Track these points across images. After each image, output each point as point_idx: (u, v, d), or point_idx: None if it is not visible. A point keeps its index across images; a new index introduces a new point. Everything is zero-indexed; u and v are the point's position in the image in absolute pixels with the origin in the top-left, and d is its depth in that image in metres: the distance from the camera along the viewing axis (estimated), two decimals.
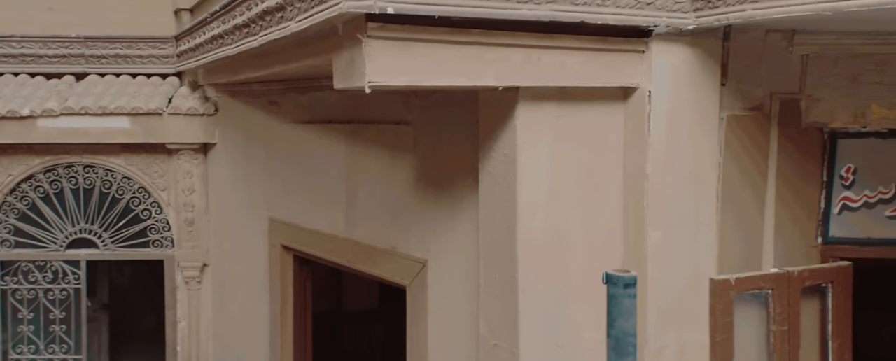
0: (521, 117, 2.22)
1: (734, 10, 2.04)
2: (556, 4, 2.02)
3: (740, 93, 2.46)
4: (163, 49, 5.11)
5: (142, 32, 5.08)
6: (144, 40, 5.08)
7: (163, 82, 5.13)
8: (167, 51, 5.10)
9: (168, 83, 5.10)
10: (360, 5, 1.79)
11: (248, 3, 2.79)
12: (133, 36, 5.06)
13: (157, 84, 5.08)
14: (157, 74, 5.17)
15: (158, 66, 5.14)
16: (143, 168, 4.98)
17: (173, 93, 4.99)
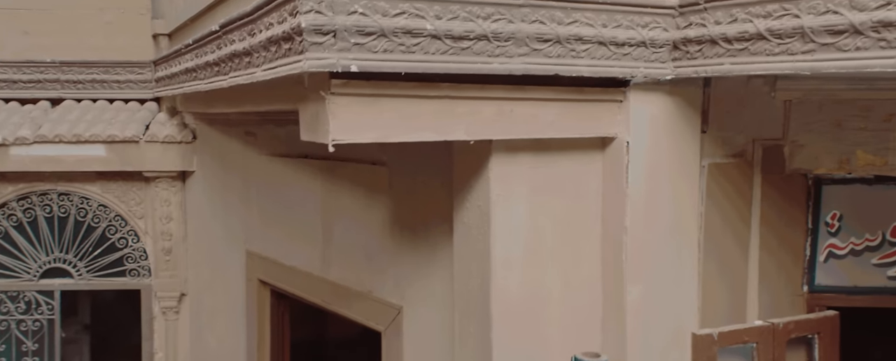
0: (495, 169, 2.13)
1: (712, 63, 1.97)
2: (528, 57, 1.94)
3: (722, 139, 2.39)
4: (141, 74, 5.00)
5: (119, 57, 4.97)
6: (122, 65, 4.98)
7: (140, 107, 5.02)
8: (145, 75, 5.00)
9: (146, 109, 4.99)
10: (322, 64, 1.71)
11: (218, 41, 2.70)
12: (110, 61, 4.96)
13: (134, 110, 4.97)
14: (135, 99, 5.07)
15: (136, 92, 5.04)
16: (119, 195, 4.86)
17: (151, 119, 4.88)
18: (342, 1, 1.71)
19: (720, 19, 1.95)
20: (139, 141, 4.65)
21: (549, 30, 1.95)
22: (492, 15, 1.88)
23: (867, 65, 1.62)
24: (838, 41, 1.67)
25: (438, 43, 1.83)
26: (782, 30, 1.78)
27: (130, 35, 5.02)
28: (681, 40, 2.08)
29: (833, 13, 1.68)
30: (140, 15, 4.98)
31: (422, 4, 1.79)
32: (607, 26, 2.02)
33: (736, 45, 1.91)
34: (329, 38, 1.71)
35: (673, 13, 2.09)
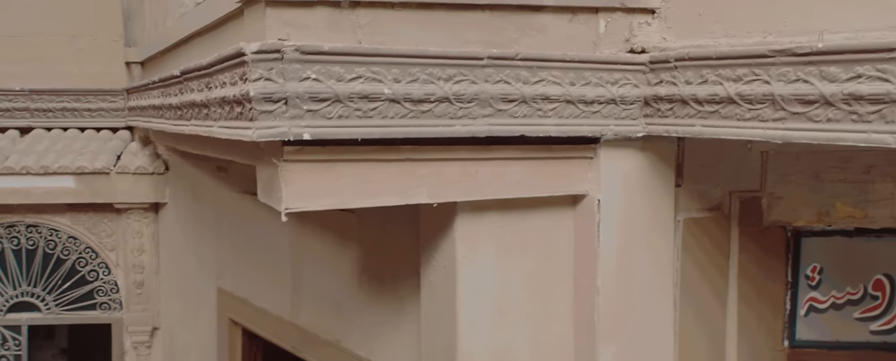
0: (461, 229, 2.05)
1: (683, 124, 1.90)
2: (492, 118, 1.86)
3: (697, 193, 2.32)
4: (113, 102, 4.89)
5: (91, 85, 4.86)
6: (93, 93, 4.86)
7: (113, 136, 4.91)
8: (117, 103, 4.89)
9: (118, 137, 4.88)
10: (272, 133, 1.62)
11: (180, 86, 2.61)
12: (81, 89, 4.84)
13: (106, 139, 4.85)
14: (107, 128, 4.95)
15: (108, 120, 4.92)
16: (89, 227, 4.74)
17: (123, 148, 4.77)
18: (294, 67, 1.62)
19: (691, 79, 1.88)
20: (110, 172, 4.54)
21: (514, 90, 1.87)
22: (454, 76, 1.80)
23: (839, 138, 1.56)
24: (809, 111, 1.61)
25: (397, 107, 1.75)
26: (753, 95, 1.72)
27: (103, 62, 4.92)
28: (652, 97, 2.01)
29: (803, 82, 1.61)
30: (113, 41, 4.88)
31: (379, 68, 1.71)
32: (575, 84, 1.95)
33: (707, 107, 1.84)
34: (280, 105, 1.63)
35: (644, 69, 2.02)
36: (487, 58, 1.83)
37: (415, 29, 1.83)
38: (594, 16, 2.05)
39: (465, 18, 1.89)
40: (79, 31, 4.88)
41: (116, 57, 4.86)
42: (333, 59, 1.66)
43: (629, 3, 2.05)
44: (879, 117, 1.49)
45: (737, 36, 1.87)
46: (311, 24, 1.70)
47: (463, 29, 1.89)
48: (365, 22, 1.77)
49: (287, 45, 1.61)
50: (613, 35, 2.07)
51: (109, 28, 4.84)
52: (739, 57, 1.75)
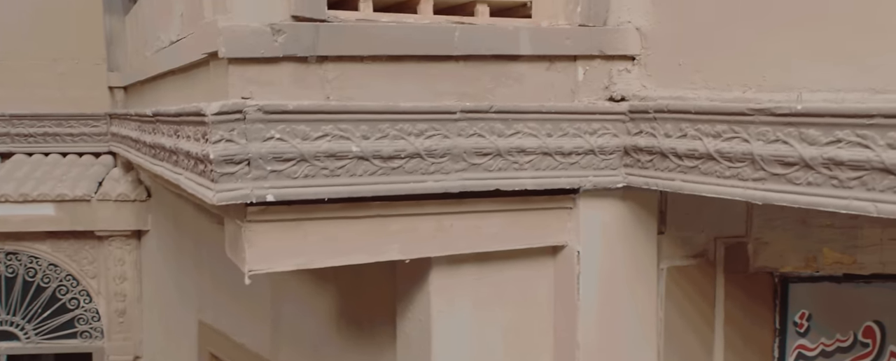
0: (436, 282, 1.99)
1: (664, 177, 1.85)
2: (466, 173, 1.80)
3: (681, 240, 2.26)
4: (95, 127, 4.83)
5: (73, 109, 4.79)
6: (75, 118, 4.80)
7: (95, 161, 4.84)
8: (100, 128, 4.82)
9: (100, 163, 4.81)
10: (233, 196, 1.56)
11: (153, 125, 2.56)
12: (63, 114, 4.77)
13: (87, 164, 4.78)
14: (90, 152, 4.89)
15: (90, 145, 4.85)
16: (70, 254, 4.66)
17: (105, 174, 4.70)
18: (257, 127, 1.57)
19: (670, 132, 1.83)
20: (90, 199, 4.47)
21: (488, 143, 1.81)
22: (425, 131, 1.74)
23: (820, 204, 1.50)
24: (790, 173, 1.55)
25: (366, 164, 1.69)
26: (732, 153, 1.66)
27: (85, 86, 4.86)
28: (632, 148, 1.95)
29: (783, 143, 1.56)
30: (95, 65, 4.81)
31: (347, 125, 1.65)
32: (552, 135, 1.89)
33: (687, 161, 1.79)
34: (242, 166, 1.57)
35: (623, 118, 1.96)
36: (460, 111, 1.77)
37: (385, 82, 1.77)
38: (572, 63, 2.00)
39: (437, 70, 1.83)
40: (61, 54, 4.82)
41: (99, 81, 4.80)
42: (299, 117, 1.61)
43: (608, 51, 2.00)
44: (860, 184, 1.44)
45: (716, 88, 1.82)
46: (276, 81, 1.65)
47: (436, 80, 1.83)
48: (333, 76, 1.71)
49: (249, 104, 1.55)
50: (592, 83, 2.02)
51: (92, 52, 4.78)
52: (718, 113, 1.70)
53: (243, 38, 1.58)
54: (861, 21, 1.52)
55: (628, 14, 2.03)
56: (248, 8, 1.59)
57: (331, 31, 1.67)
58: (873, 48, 1.50)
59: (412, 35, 1.76)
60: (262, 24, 1.60)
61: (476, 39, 1.83)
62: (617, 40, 2.01)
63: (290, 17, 1.64)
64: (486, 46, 1.85)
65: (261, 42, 1.59)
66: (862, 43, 1.52)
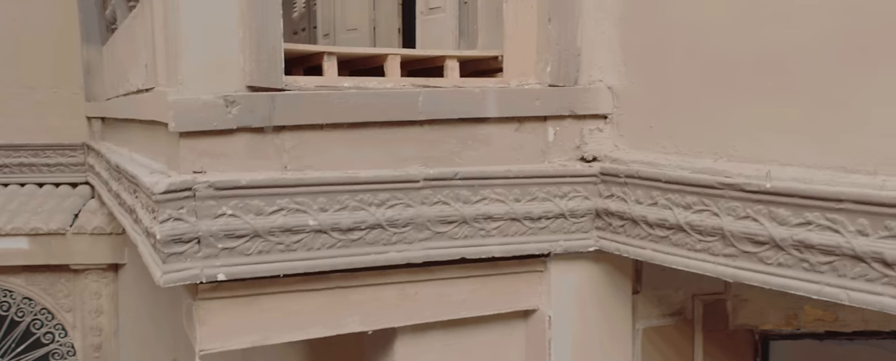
0: (401, 350, 1.92)
1: (635, 244, 1.79)
2: (430, 242, 1.74)
3: (657, 298, 2.21)
4: (72, 156, 4.74)
5: (50, 139, 4.71)
6: (52, 148, 4.72)
7: (72, 192, 4.75)
8: (77, 158, 4.74)
9: (77, 194, 4.72)
10: (181, 277, 1.49)
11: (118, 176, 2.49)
12: (40, 144, 4.69)
13: (64, 195, 4.70)
14: (67, 183, 4.80)
15: (67, 175, 4.77)
16: (45, 288, 4.56)
17: (81, 205, 4.61)
18: (208, 204, 1.50)
19: (641, 198, 1.78)
20: (66, 232, 4.38)
21: (453, 211, 1.76)
22: (387, 201, 1.69)
23: (791, 287, 1.45)
24: (760, 252, 1.50)
25: (324, 237, 1.63)
26: (703, 227, 1.61)
27: (63, 115, 4.78)
28: (604, 211, 1.90)
29: (753, 220, 1.51)
30: (73, 94, 4.73)
31: (304, 198, 1.60)
32: (521, 201, 1.84)
33: (658, 231, 1.74)
34: (192, 245, 1.50)
35: (595, 180, 1.91)
36: (424, 180, 1.72)
37: (346, 149, 1.72)
38: (542, 124, 1.94)
39: (401, 134, 1.78)
40: (38, 83, 4.74)
41: (77, 110, 4.72)
42: (252, 192, 1.55)
43: (579, 111, 1.95)
44: (831, 270, 1.39)
45: (688, 154, 1.77)
46: (230, 152, 1.59)
47: (400, 145, 1.78)
48: (291, 145, 1.66)
49: (200, 181, 1.49)
50: (563, 143, 1.97)
51: (70, 80, 4.70)
52: (688, 184, 1.65)
53: (194, 111, 1.52)
54: (829, 97, 1.47)
55: (600, 73, 1.98)
56: (201, 80, 1.53)
57: (288, 100, 1.61)
58: (842, 126, 1.45)
59: (374, 102, 1.70)
60: (215, 96, 1.54)
61: (441, 103, 1.78)
62: (588, 99, 1.96)
63: (246, 87, 1.58)
64: (452, 110, 1.80)
65: (213, 114, 1.54)
66: (831, 119, 1.47)
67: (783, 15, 1.54)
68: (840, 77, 1.45)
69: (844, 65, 1.44)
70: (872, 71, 1.40)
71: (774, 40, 1.56)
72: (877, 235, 1.32)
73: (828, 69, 1.47)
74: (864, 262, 1.34)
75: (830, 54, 1.46)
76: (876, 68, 1.39)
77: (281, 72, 1.61)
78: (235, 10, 1.55)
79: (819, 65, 1.48)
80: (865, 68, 1.41)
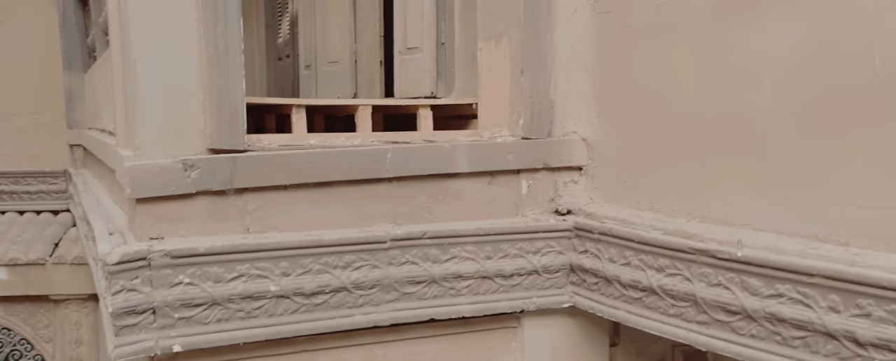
0: None
1: (609, 304, 1.75)
2: (398, 303, 1.70)
3: (637, 351, 2.16)
4: (54, 184, 4.68)
5: (31, 166, 4.65)
6: (33, 175, 4.66)
7: (53, 220, 4.68)
8: (58, 185, 4.69)
9: (58, 221, 4.65)
10: (135, 349, 1.45)
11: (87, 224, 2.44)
12: (21, 171, 4.63)
13: (45, 223, 4.63)
14: (48, 211, 4.74)
15: (48, 203, 4.70)
16: (25, 318, 4.48)
17: (62, 234, 4.54)
18: (164, 273, 1.46)
19: (614, 257, 1.74)
20: (45, 263, 4.30)
21: (422, 271, 1.72)
22: (353, 263, 1.64)
23: (764, 359, 1.41)
24: (733, 322, 1.46)
25: (287, 302, 1.58)
26: (675, 292, 1.57)
27: (45, 142, 4.72)
28: (578, 267, 1.86)
29: (724, 288, 1.47)
30: (55, 120, 4.68)
31: (265, 263, 1.55)
32: (492, 258, 1.80)
33: (631, 292, 1.70)
34: (146, 316, 1.46)
35: (569, 234, 1.88)
36: (391, 240, 1.68)
37: (312, 208, 1.68)
38: (515, 177, 1.91)
39: (369, 192, 1.74)
40: (19, 109, 4.69)
41: (59, 136, 4.66)
42: (211, 259, 1.50)
43: (553, 163, 1.92)
44: (804, 345, 1.35)
45: (661, 212, 1.74)
46: (189, 216, 1.55)
47: (367, 202, 1.74)
48: (254, 207, 1.61)
49: (155, 250, 1.45)
50: (537, 195, 1.94)
51: (52, 106, 4.65)
52: (661, 247, 1.61)
53: (151, 177, 1.48)
54: (798, 165, 1.44)
55: (574, 124, 1.95)
56: (159, 144, 1.49)
57: (249, 162, 1.57)
58: (813, 194, 1.42)
59: (340, 161, 1.66)
60: (174, 160, 1.50)
61: (410, 160, 1.74)
62: (562, 152, 1.93)
63: (207, 149, 1.54)
64: (421, 167, 1.76)
65: (171, 179, 1.49)
66: (801, 187, 1.44)
67: (751, 81, 1.52)
68: (809, 145, 1.42)
69: (813, 134, 1.41)
70: (842, 141, 1.37)
71: (743, 105, 1.53)
72: (848, 312, 1.28)
73: (797, 137, 1.44)
74: (836, 340, 1.30)
75: (799, 122, 1.43)
76: (845, 138, 1.36)
77: (243, 133, 1.57)
78: (195, 72, 1.51)
79: (788, 133, 1.45)
80: (834, 138, 1.38)
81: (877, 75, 1.31)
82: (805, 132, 1.42)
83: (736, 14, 1.55)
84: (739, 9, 1.54)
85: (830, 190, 1.39)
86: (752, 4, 1.51)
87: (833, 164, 1.38)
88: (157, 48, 1.48)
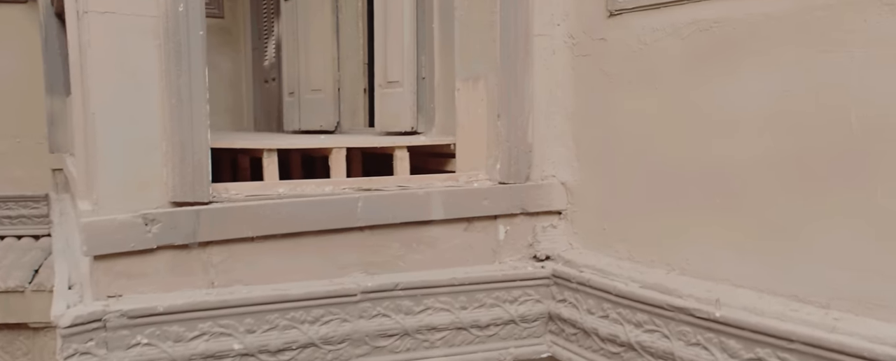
0: None
1: (587, 357, 1.70)
2: (368, 357, 1.62)
3: None
4: (35, 208, 4.61)
5: (12, 190, 4.58)
6: (14, 199, 4.58)
7: (33, 245, 4.60)
8: (40, 210, 4.61)
9: (38, 247, 4.57)
10: None
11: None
12: (1, 195, 4.56)
13: (25, 249, 4.55)
14: (29, 235, 4.67)
15: (29, 227, 4.63)
16: (3, 346, 4.39)
17: (43, 259, 4.46)
18: (121, 334, 1.40)
19: (593, 309, 1.69)
20: (24, 290, 4.23)
21: (394, 323, 1.66)
22: (321, 317, 1.59)
23: None
24: None
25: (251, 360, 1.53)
26: (654, 349, 1.52)
27: (26, 166, 4.65)
28: (557, 316, 1.81)
29: (703, 348, 1.42)
30: (37, 144, 4.61)
31: (229, 320, 1.49)
32: (467, 308, 1.74)
33: (609, 346, 1.65)
34: None
35: (547, 282, 1.83)
36: (362, 293, 1.62)
37: (280, 258, 1.62)
38: (492, 222, 1.86)
39: (340, 241, 1.68)
40: (0, 132, 4.63)
41: (41, 160, 4.59)
42: (171, 318, 1.44)
43: (531, 208, 1.87)
44: None
45: (641, 262, 1.69)
46: (150, 272, 1.49)
47: (338, 252, 1.68)
48: (219, 260, 1.56)
49: (111, 311, 1.39)
50: (515, 241, 1.89)
51: (34, 130, 4.59)
52: (639, 301, 1.56)
53: (110, 233, 1.42)
54: (778, 221, 1.40)
55: (553, 167, 1.91)
56: (118, 198, 1.44)
57: (214, 214, 1.52)
58: (792, 252, 1.38)
59: (309, 211, 1.61)
60: (134, 215, 1.45)
61: (382, 209, 1.69)
62: (540, 196, 1.88)
63: (169, 202, 1.49)
64: (394, 215, 1.71)
65: (131, 235, 1.44)
66: (780, 244, 1.39)
67: (728, 132, 1.48)
68: (788, 201, 1.38)
69: (792, 190, 1.37)
70: (820, 198, 1.33)
71: (720, 157, 1.50)
72: None
73: (775, 191, 1.40)
74: None
75: (777, 177, 1.39)
76: (824, 196, 1.32)
77: (208, 184, 1.52)
78: (157, 124, 1.46)
79: (766, 187, 1.41)
80: (813, 194, 1.34)
81: (854, 134, 1.27)
82: (783, 187, 1.38)
83: (712, 63, 1.51)
84: (715, 58, 1.50)
85: (810, 248, 1.35)
86: (729, 53, 1.48)
87: (812, 222, 1.34)
88: (117, 100, 1.43)
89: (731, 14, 1.45)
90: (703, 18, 1.51)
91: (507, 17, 1.81)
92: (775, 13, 1.38)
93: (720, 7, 1.46)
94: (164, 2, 1.43)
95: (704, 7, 1.50)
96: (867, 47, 1.25)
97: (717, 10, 1.47)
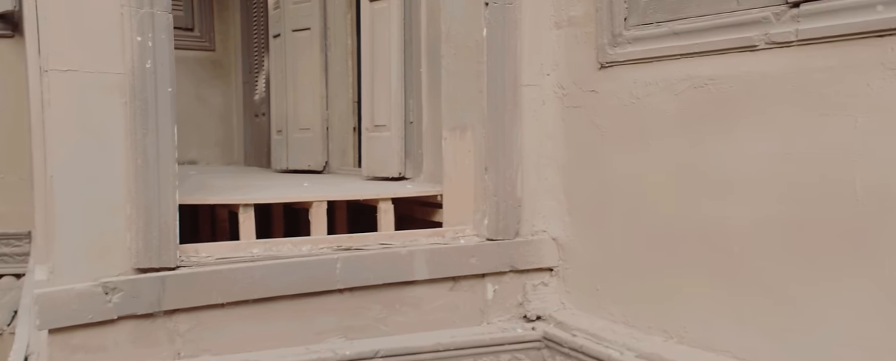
0: None
1: None
2: None
3: None
4: (18, 246, 4.50)
5: None
6: None
7: (15, 284, 4.47)
8: (23, 248, 4.49)
9: (19, 287, 4.44)
10: None
11: None
12: None
13: (6, 288, 4.43)
14: (11, 274, 4.54)
15: (11, 266, 4.50)
16: None
17: None
18: None
19: None
20: (3, 332, 4.11)
21: None
22: None
23: None
24: None
25: None
26: None
27: (9, 202, 4.53)
28: None
29: None
30: (20, 180, 4.51)
31: None
32: None
33: None
34: None
35: (538, 345, 1.72)
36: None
37: (252, 325, 1.52)
38: (480, 281, 1.77)
39: (318, 304, 1.59)
40: None
41: (24, 197, 4.48)
42: None
43: (520, 266, 1.78)
44: None
45: (637, 327, 1.60)
46: (110, 345, 1.39)
47: (315, 316, 1.59)
48: (186, 329, 1.46)
49: None
50: (504, 300, 1.79)
51: (17, 165, 4.50)
52: None
53: (66, 304, 1.33)
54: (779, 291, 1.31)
55: (543, 222, 1.82)
56: (77, 265, 1.34)
57: (182, 280, 1.43)
58: (795, 325, 1.29)
59: (285, 274, 1.52)
60: (93, 284, 1.35)
61: (363, 269, 1.60)
62: (530, 253, 1.79)
63: (133, 268, 1.40)
64: (376, 276, 1.62)
65: (89, 305, 1.34)
66: (783, 316, 1.30)
67: (724, 195, 1.40)
68: (789, 271, 1.29)
69: (793, 259, 1.28)
70: (823, 269, 1.24)
71: (717, 220, 1.41)
72: None
73: (774, 260, 1.31)
74: None
75: (777, 244, 1.31)
76: (827, 267, 1.23)
77: (175, 248, 1.43)
78: (121, 186, 1.38)
79: (765, 255, 1.33)
80: (816, 265, 1.25)
81: (859, 202, 1.20)
82: (784, 255, 1.29)
83: (707, 121, 1.44)
84: (710, 116, 1.43)
85: (813, 323, 1.26)
86: (724, 112, 1.40)
87: (814, 294, 1.25)
88: (78, 160, 1.34)
89: (726, 72, 1.38)
90: (697, 75, 1.44)
91: (494, 66, 1.75)
92: (772, 72, 1.31)
93: (715, 64, 1.40)
94: (131, 59, 1.36)
95: (699, 63, 1.43)
96: (871, 113, 1.17)
97: (713, 66, 1.40)
